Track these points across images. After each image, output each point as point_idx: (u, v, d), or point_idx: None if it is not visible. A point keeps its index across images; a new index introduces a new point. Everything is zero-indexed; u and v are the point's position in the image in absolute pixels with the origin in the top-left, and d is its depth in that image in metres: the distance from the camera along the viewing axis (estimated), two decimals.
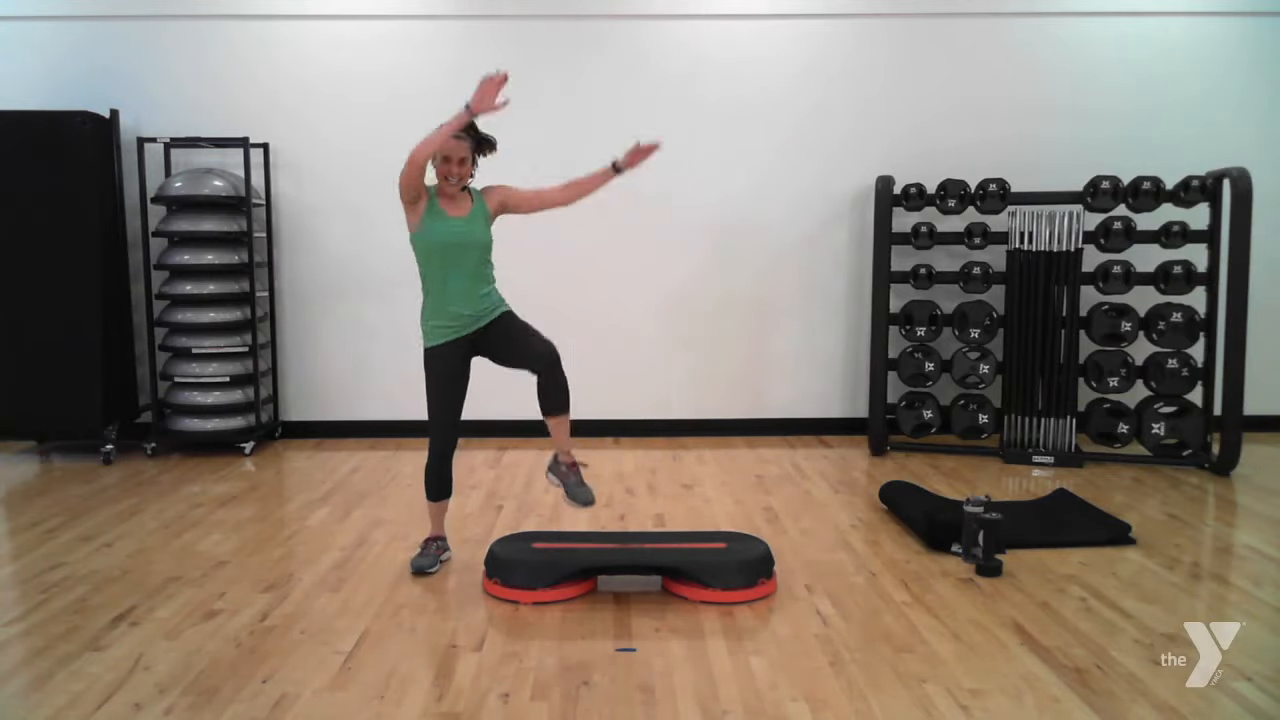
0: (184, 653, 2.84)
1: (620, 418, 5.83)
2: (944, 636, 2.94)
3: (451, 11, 5.61)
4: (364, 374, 5.80)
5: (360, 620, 3.08)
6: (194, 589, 3.35)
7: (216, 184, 5.31)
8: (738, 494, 4.58)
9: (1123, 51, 5.67)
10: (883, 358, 5.37)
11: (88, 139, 5.15)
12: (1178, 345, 5.08)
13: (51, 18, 5.52)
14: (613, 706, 2.52)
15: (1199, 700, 2.54)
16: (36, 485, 4.83)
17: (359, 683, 2.66)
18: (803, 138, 5.73)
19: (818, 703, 2.53)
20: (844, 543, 3.85)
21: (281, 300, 5.78)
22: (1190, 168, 5.26)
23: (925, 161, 5.63)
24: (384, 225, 5.73)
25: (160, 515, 4.25)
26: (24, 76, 5.51)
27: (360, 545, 3.82)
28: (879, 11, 5.65)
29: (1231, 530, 4.10)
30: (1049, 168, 5.60)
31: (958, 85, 5.69)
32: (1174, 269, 5.09)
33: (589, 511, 4.24)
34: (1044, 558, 3.62)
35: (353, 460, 5.27)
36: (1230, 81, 5.69)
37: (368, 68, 5.61)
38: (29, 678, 2.69)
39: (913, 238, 5.41)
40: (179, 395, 5.41)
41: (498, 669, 2.73)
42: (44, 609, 3.17)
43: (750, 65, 5.67)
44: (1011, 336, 5.30)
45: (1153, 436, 5.08)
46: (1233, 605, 3.22)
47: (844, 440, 5.75)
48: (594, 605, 3.21)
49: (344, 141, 5.67)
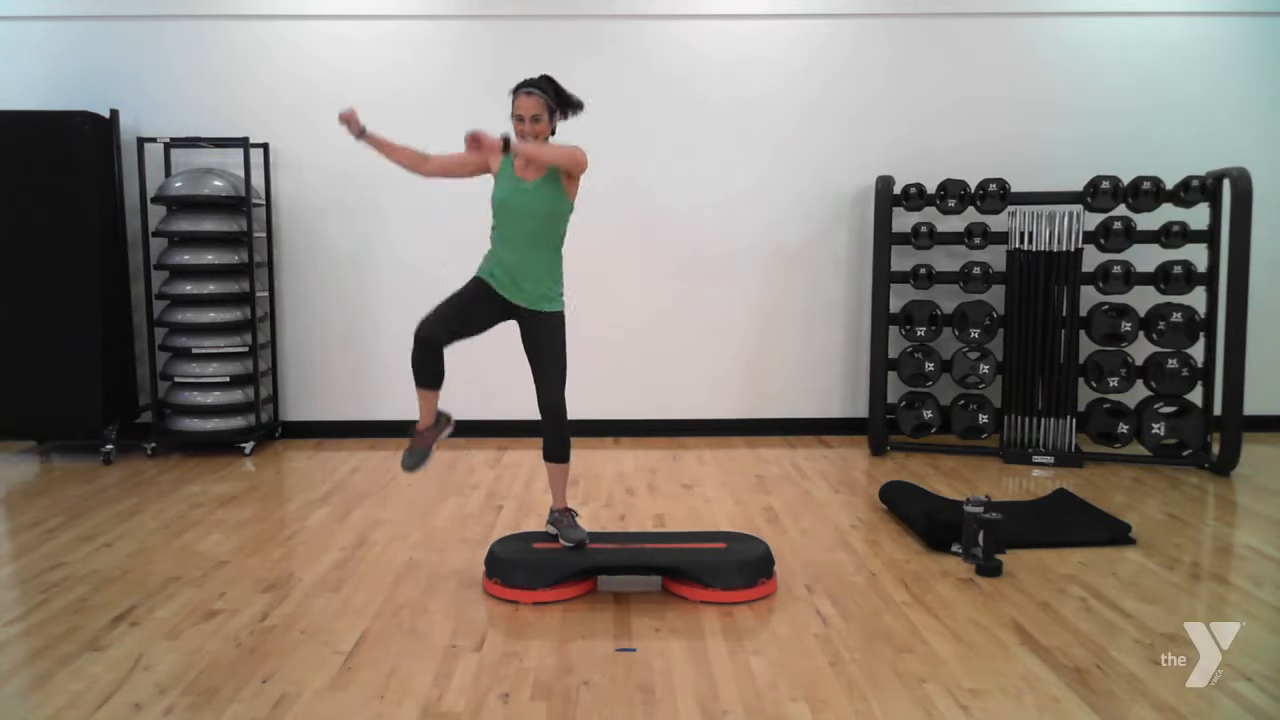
0: (184, 653, 2.84)
1: (620, 418, 5.83)
2: (944, 636, 2.94)
3: (451, 11, 5.61)
4: (364, 374, 5.80)
5: (360, 620, 3.08)
6: (194, 589, 3.35)
7: (216, 184, 5.31)
8: (738, 494, 4.58)
9: (1123, 51, 5.67)
10: (883, 358, 5.37)
11: (88, 139, 5.14)
12: (1178, 345, 5.08)
13: (51, 18, 5.52)
14: (613, 706, 2.52)
15: (1199, 700, 2.54)
16: (36, 485, 4.83)
17: (359, 683, 2.66)
18: (803, 138, 5.73)
19: (818, 703, 2.53)
20: (844, 543, 3.85)
21: (281, 300, 5.78)
22: (1190, 168, 5.26)
23: (925, 161, 5.63)
24: (384, 225, 5.74)
25: (160, 515, 4.25)
26: (24, 76, 5.51)
27: (360, 545, 3.82)
28: (879, 11, 5.65)
29: (1231, 530, 4.10)
30: (1049, 168, 5.60)
31: (958, 85, 5.69)
32: (1174, 269, 5.09)
33: (589, 512, 4.25)
34: (1044, 558, 3.62)
35: (353, 460, 5.27)
36: (1230, 81, 5.69)
37: (368, 68, 5.61)
38: (29, 678, 2.69)
39: (913, 238, 5.41)
40: (179, 395, 5.41)
41: (498, 669, 2.73)
42: (44, 609, 3.17)
43: (750, 65, 5.67)
44: (1011, 336, 5.30)
45: (1153, 436, 5.08)
46: (1233, 605, 3.22)
47: (844, 440, 5.75)
48: (594, 605, 3.21)
49: (344, 141, 5.57)
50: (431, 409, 3.41)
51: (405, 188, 5.71)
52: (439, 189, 5.68)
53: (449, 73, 5.63)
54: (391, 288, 5.71)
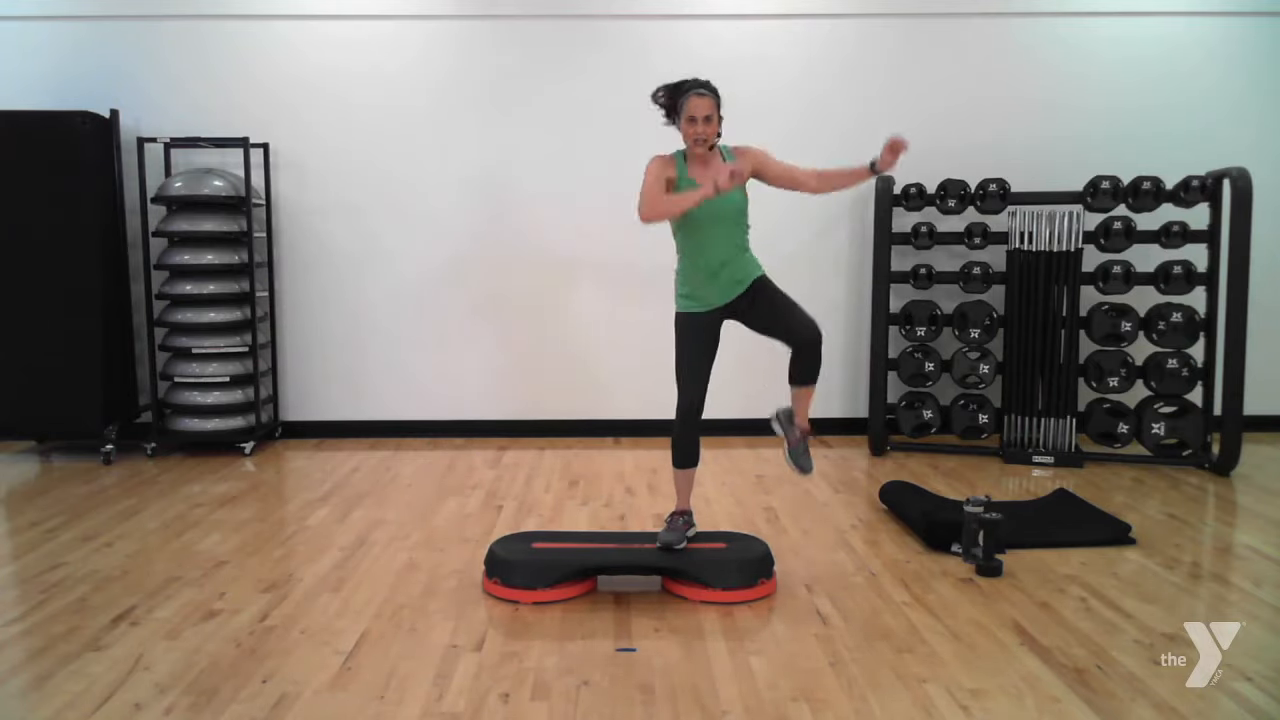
0: (184, 653, 2.84)
1: (620, 418, 5.82)
2: (944, 636, 2.94)
3: (451, 11, 5.61)
4: (364, 374, 5.80)
5: (360, 620, 3.08)
6: (194, 589, 3.35)
7: (216, 184, 5.31)
8: (738, 494, 4.58)
9: (1123, 51, 5.67)
10: (883, 358, 5.37)
11: (88, 139, 5.14)
12: (1178, 345, 5.08)
13: (51, 18, 5.52)
14: (613, 706, 2.52)
15: (1199, 700, 2.54)
16: (36, 485, 4.83)
17: (359, 683, 2.66)
18: (803, 137, 5.72)
19: (818, 703, 2.53)
20: (844, 543, 3.85)
21: (281, 300, 5.78)
22: (1190, 168, 5.26)
23: (925, 161, 5.61)
24: (384, 225, 5.74)
25: (160, 515, 4.25)
26: (24, 76, 5.51)
27: (360, 545, 3.82)
28: (879, 11, 5.65)
29: (1231, 530, 4.10)
30: (1049, 168, 5.60)
31: (958, 85, 5.68)
32: (1174, 269, 5.09)
33: (589, 511, 4.25)
34: (1044, 558, 3.62)
35: (353, 460, 5.27)
36: (1230, 81, 5.69)
37: (368, 68, 5.61)
38: (29, 678, 2.69)
39: (913, 238, 5.41)
40: (179, 395, 5.41)
41: (498, 669, 2.73)
42: (44, 609, 3.17)
43: (750, 65, 5.67)
44: (1011, 336, 5.30)
45: (1153, 436, 5.08)
46: (1233, 605, 3.21)
47: (844, 440, 5.75)
48: (594, 605, 3.21)
49: (344, 141, 5.67)
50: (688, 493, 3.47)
51: (405, 188, 5.72)
52: (440, 189, 5.69)
53: (449, 73, 5.63)
54: (391, 288, 5.71)
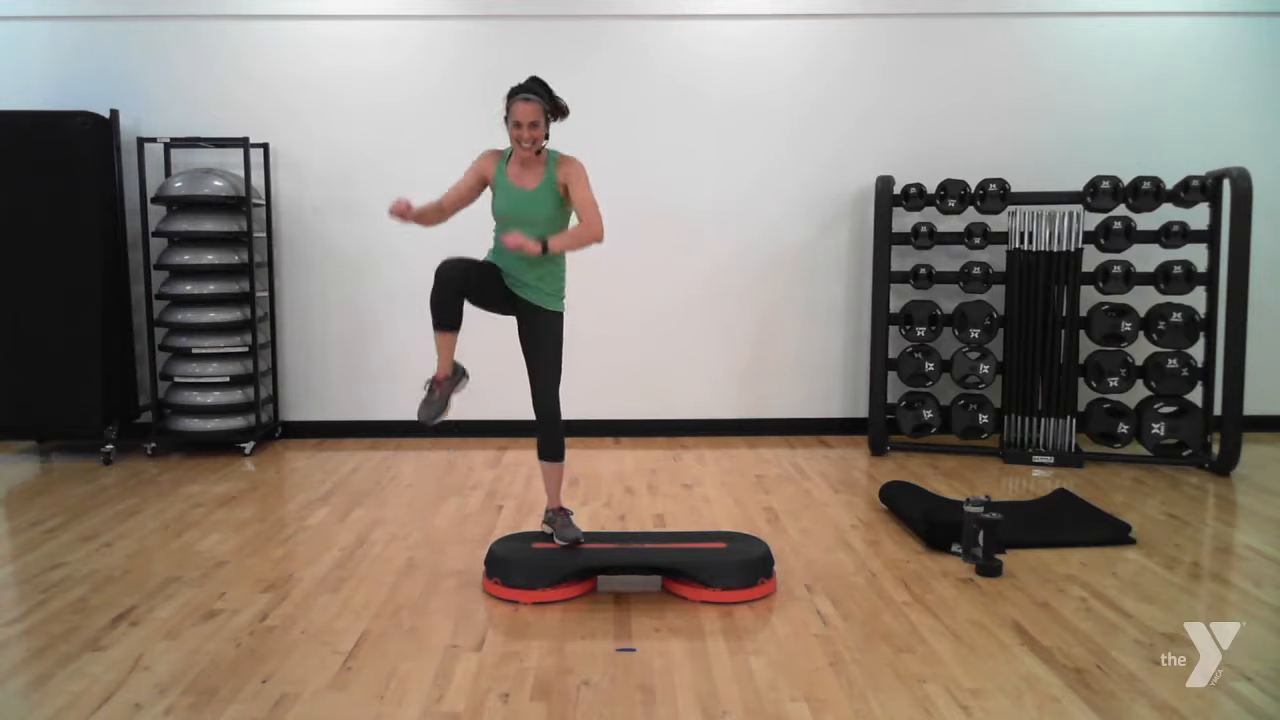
0: (184, 653, 2.84)
1: (620, 418, 5.83)
2: (944, 636, 2.94)
3: (451, 11, 5.61)
4: (364, 374, 5.80)
5: (360, 620, 3.08)
6: (194, 589, 3.35)
7: (216, 184, 5.31)
8: (738, 494, 4.58)
9: (1123, 51, 5.67)
10: (883, 358, 5.37)
11: (88, 139, 5.15)
12: (1178, 345, 5.08)
13: (51, 18, 5.52)
14: (613, 706, 2.52)
15: (1199, 700, 2.54)
16: (36, 485, 4.83)
17: (359, 683, 2.66)
18: (803, 138, 5.73)
19: (818, 703, 2.53)
20: (844, 543, 3.85)
21: (281, 300, 5.78)
22: (1190, 168, 5.26)
23: (925, 161, 5.63)
24: (384, 225, 5.72)
25: (160, 515, 4.25)
26: (24, 76, 5.51)
27: (360, 545, 3.82)
28: (879, 11, 5.65)
29: (1231, 530, 4.10)
30: (1049, 168, 5.60)
31: (958, 85, 5.69)
32: (1174, 269, 5.09)
33: (589, 511, 4.25)
34: (1044, 558, 3.62)
35: (353, 460, 5.27)
36: (1230, 81, 5.69)
37: (368, 68, 5.61)
38: (29, 678, 2.69)
39: (913, 238, 5.41)
40: (179, 395, 5.41)
41: (498, 669, 2.73)
42: (44, 609, 3.17)
43: (750, 65, 5.67)
44: (1011, 336, 5.30)
45: (1153, 436, 5.08)
46: (1233, 605, 3.22)
47: (844, 440, 5.75)
48: (594, 605, 3.21)
49: (344, 141, 5.67)
50: (449, 357, 3.32)
51: (405, 188, 5.71)
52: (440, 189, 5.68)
53: (449, 73, 5.63)
54: (391, 288, 5.70)
